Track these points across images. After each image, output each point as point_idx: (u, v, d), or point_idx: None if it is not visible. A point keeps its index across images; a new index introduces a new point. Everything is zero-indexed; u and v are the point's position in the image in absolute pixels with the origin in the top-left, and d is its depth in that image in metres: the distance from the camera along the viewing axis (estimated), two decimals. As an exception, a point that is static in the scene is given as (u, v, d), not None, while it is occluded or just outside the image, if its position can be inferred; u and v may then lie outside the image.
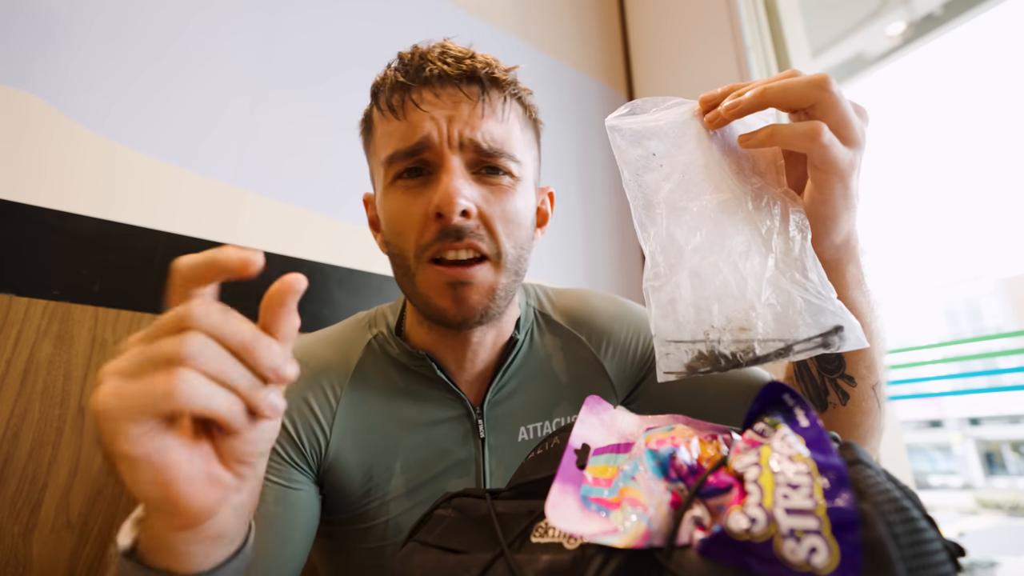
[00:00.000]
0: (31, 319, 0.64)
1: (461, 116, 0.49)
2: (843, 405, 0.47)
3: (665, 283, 0.33)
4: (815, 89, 0.36)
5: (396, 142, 0.50)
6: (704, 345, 0.32)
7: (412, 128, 0.49)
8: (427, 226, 0.48)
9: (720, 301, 0.33)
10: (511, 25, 1.32)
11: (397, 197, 0.50)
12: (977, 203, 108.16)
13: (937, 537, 0.22)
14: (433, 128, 0.48)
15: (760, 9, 1.33)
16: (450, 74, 0.49)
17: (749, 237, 0.35)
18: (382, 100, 0.51)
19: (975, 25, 1.86)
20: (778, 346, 0.32)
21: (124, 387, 0.24)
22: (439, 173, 0.48)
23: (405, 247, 0.50)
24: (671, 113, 0.40)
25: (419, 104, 0.49)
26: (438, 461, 0.53)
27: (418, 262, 0.49)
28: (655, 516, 0.25)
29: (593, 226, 1.35)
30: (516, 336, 0.58)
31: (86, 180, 0.71)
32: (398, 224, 0.50)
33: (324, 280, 0.87)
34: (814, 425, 0.26)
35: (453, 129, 0.48)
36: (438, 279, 0.48)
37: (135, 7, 0.79)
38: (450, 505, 0.37)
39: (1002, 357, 1.20)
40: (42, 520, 0.61)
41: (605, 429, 0.34)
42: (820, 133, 0.36)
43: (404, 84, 0.50)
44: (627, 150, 0.38)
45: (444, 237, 0.47)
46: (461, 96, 0.49)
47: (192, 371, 0.25)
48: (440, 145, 0.48)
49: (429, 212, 0.48)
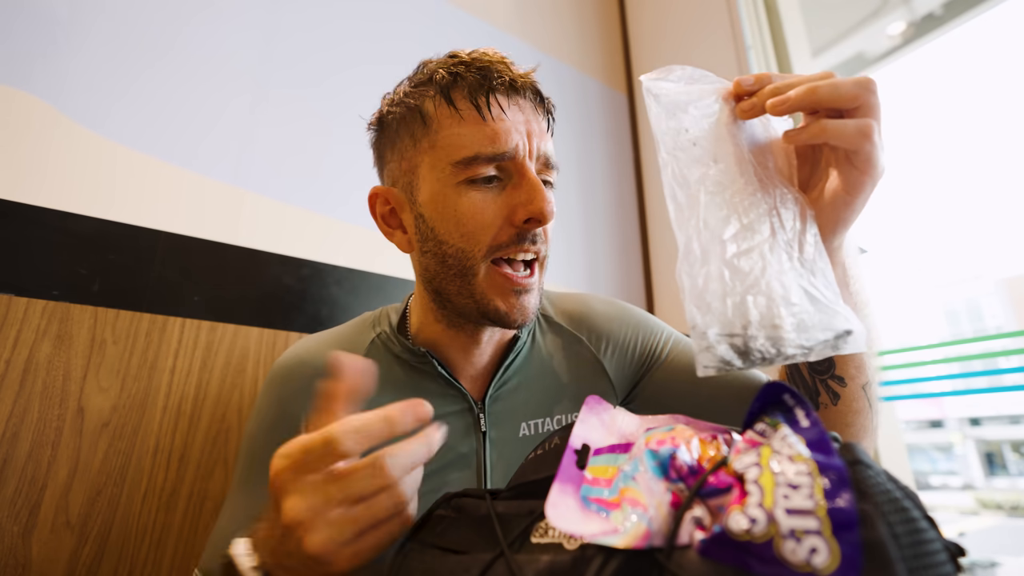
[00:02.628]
0: (30, 319, 0.64)
1: (536, 130, 0.53)
2: (834, 405, 0.48)
3: (699, 270, 0.33)
4: (863, 90, 0.36)
5: (479, 145, 0.50)
6: (740, 340, 0.32)
7: (499, 134, 0.50)
8: (503, 228, 0.51)
9: (754, 296, 0.33)
10: (511, 25, 1.32)
11: (471, 198, 0.51)
12: (977, 203, 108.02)
13: (937, 537, 0.22)
14: (520, 139, 0.51)
15: (760, 9, 1.33)
16: (524, 85, 0.52)
17: (775, 234, 0.36)
18: (457, 96, 0.51)
19: (975, 25, 1.86)
20: (803, 346, 0.32)
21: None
22: (518, 179, 0.51)
23: (472, 247, 0.51)
24: (702, 90, 0.39)
25: (504, 110, 0.51)
26: (440, 455, 0.54)
27: (484, 261, 0.51)
28: (655, 516, 0.25)
29: (593, 226, 1.35)
30: (519, 334, 0.60)
31: (86, 180, 0.71)
32: (471, 223, 0.51)
33: (324, 280, 0.87)
34: (815, 425, 0.26)
35: (533, 142, 0.52)
36: (505, 284, 0.51)
37: (135, 7, 0.79)
38: (450, 505, 0.37)
39: (1002, 357, 1.20)
40: (41, 520, 0.61)
41: (605, 429, 0.34)
42: (873, 131, 0.36)
43: (483, 84, 0.51)
44: (663, 120, 0.37)
45: (521, 240, 0.51)
46: (532, 109, 0.53)
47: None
48: (523, 152, 0.51)
49: (516, 216, 0.50)
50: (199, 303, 0.75)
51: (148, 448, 0.68)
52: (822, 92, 0.36)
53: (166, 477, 0.68)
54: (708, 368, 0.31)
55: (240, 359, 0.77)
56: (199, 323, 0.74)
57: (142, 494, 0.67)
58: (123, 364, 0.68)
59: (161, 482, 0.68)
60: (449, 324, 0.56)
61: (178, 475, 0.69)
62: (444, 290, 0.54)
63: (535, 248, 0.52)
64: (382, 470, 0.32)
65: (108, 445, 0.66)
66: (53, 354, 0.64)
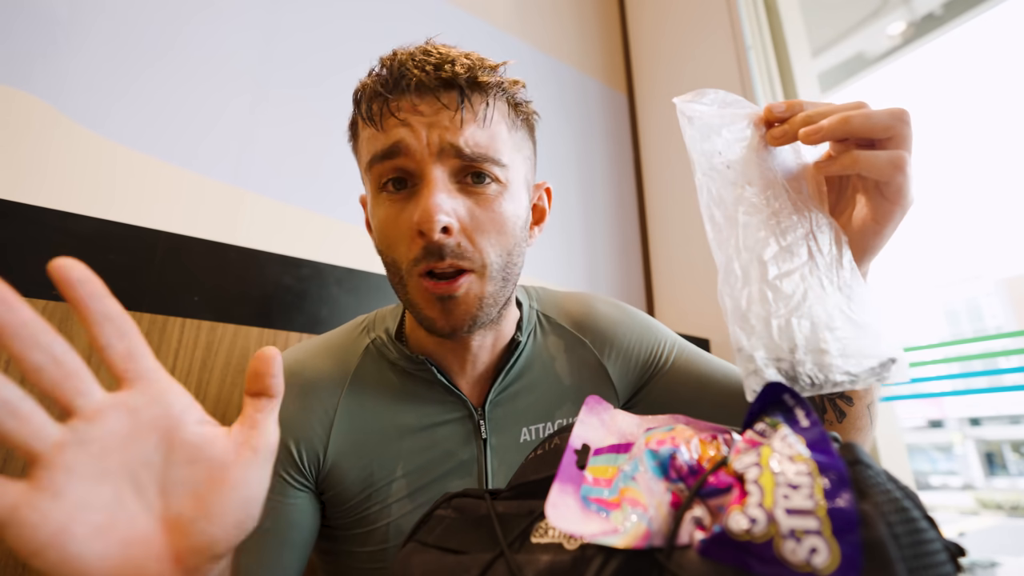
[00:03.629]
0: (31, 319, 0.64)
1: (440, 123, 0.48)
2: (839, 423, 0.48)
3: (741, 291, 0.33)
4: (897, 121, 0.36)
5: (373, 147, 0.50)
6: (788, 364, 0.31)
7: (386, 134, 0.49)
8: (413, 240, 0.48)
9: (799, 319, 0.32)
10: (511, 25, 1.32)
11: (384, 209, 0.50)
12: (977, 203, 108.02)
13: (937, 537, 0.22)
14: (409, 136, 0.47)
15: (760, 9, 1.33)
16: (427, 83, 0.48)
17: (813, 257, 0.35)
18: (363, 108, 0.51)
19: (975, 25, 1.87)
20: (850, 373, 0.32)
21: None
22: (421, 185, 0.48)
23: (397, 258, 0.50)
24: (734, 114, 0.39)
25: (396, 114, 0.48)
26: (440, 463, 0.53)
27: (409, 275, 0.49)
28: (655, 516, 0.25)
29: (593, 226, 1.35)
30: (518, 338, 0.58)
31: (86, 180, 0.71)
32: (387, 237, 0.50)
33: (323, 280, 0.87)
34: (815, 425, 0.26)
35: (433, 136, 0.47)
36: (425, 292, 0.48)
37: (135, 7, 0.79)
38: (450, 505, 0.37)
39: (1002, 357, 1.20)
40: (42, 520, 0.60)
41: (605, 429, 0.34)
42: (906, 164, 0.36)
43: (382, 94, 0.49)
44: (697, 142, 0.37)
45: (428, 255, 0.47)
46: (439, 105, 0.48)
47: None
48: (420, 155, 0.47)
49: (413, 227, 0.47)
50: (199, 303, 0.75)
51: (148, 448, 0.68)
52: (855, 122, 0.36)
53: (166, 477, 0.68)
54: (755, 393, 0.30)
55: (240, 359, 0.77)
56: (199, 323, 0.74)
57: (142, 494, 0.67)
58: (123, 364, 0.68)
59: (161, 482, 0.68)
60: (428, 332, 0.54)
61: (178, 475, 0.69)
62: (398, 297, 0.53)
63: (449, 263, 0.47)
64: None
65: (108, 445, 0.66)
66: (53, 354, 0.64)
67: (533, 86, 0.56)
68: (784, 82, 1.28)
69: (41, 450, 0.25)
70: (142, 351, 0.29)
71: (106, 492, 0.27)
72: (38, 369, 0.26)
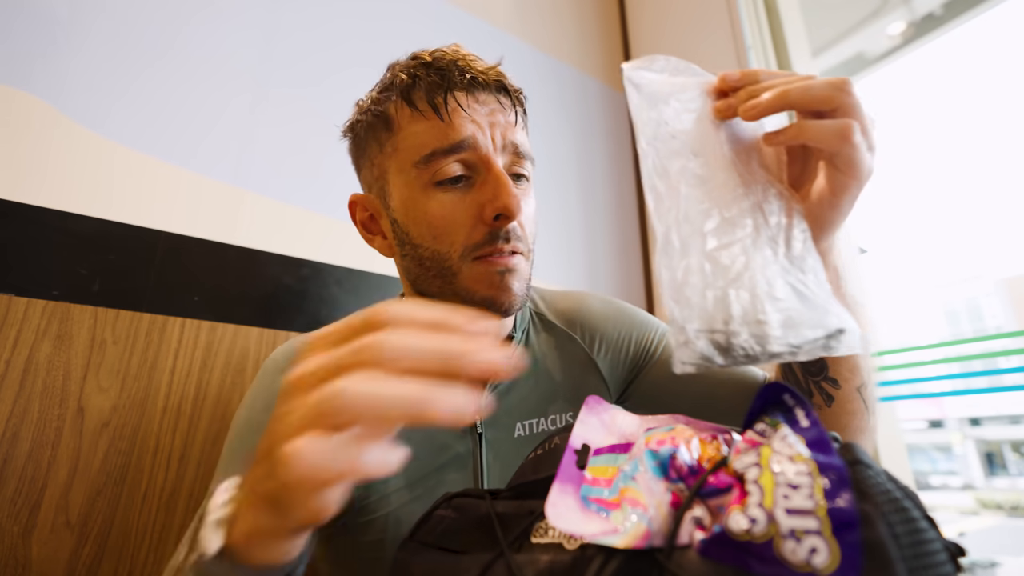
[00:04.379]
0: (30, 319, 0.64)
1: (501, 122, 0.51)
2: (828, 407, 0.48)
3: (679, 263, 0.32)
4: (837, 91, 0.36)
5: (436, 140, 0.50)
6: (722, 336, 0.30)
7: (455, 129, 0.50)
8: (475, 227, 0.50)
9: (737, 290, 0.32)
10: (511, 25, 1.32)
11: (440, 199, 0.50)
12: (977, 203, 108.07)
13: (937, 537, 0.22)
14: (477, 131, 0.50)
15: (760, 9, 1.33)
16: (485, 82, 0.51)
17: (759, 229, 0.35)
18: (416, 99, 0.51)
19: (975, 25, 1.87)
20: (791, 344, 0.31)
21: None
22: (486, 176, 0.50)
23: (448, 248, 0.50)
24: (685, 82, 0.38)
25: (464, 107, 0.50)
26: (437, 455, 0.54)
27: (463, 262, 0.50)
28: (655, 516, 0.25)
29: (593, 226, 1.35)
30: (513, 334, 0.60)
31: (86, 180, 0.71)
32: (442, 226, 0.50)
33: (324, 280, 0.87)
34: (815, 425, 0.26)
35: (495, 133, 0.51)
36: (488, 270, 0.50)
37: (135, 7, 0.79)
38: (450, 505, 0.37)
39: (1002, 357, 1.20)
40: (41, 520, 0.61)
41: (605, 429, 0.34)
42: (852, 132, 0.35)
43: (442, 85, 0.50)
44: (643, 110, 0.36)
45: (494, 239, 0.50)
46: (497, 104, 0.52)
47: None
48: (487, 148, 0.50)
49: (485, 214, 0.49)
50: (199, 303, 0.75)
51: (148, 448, 0.68)
52: (793, 95, 0.36)
53: (166, 477, 0.68)
54: (687, 365, 0.30)
55: (240, 359, 0.77)
56: (199, 323, 0.74)
57: (142, 494, 0.67)
58: (123, 364, 0.68)
59: (161, 482, 0.68)
60: None
61: (178, 475, 0.69)
62: (427, 291, 0.54)
63: (510, 247, 0.51)
64: (374, 346, 0.24)
65: (108, 445, 0.66)
66: (53, 354, 0.64)
67: (533, 86, 0.57)
68: (784, 82, 1.28)
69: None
70: None
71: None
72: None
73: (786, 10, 1.33)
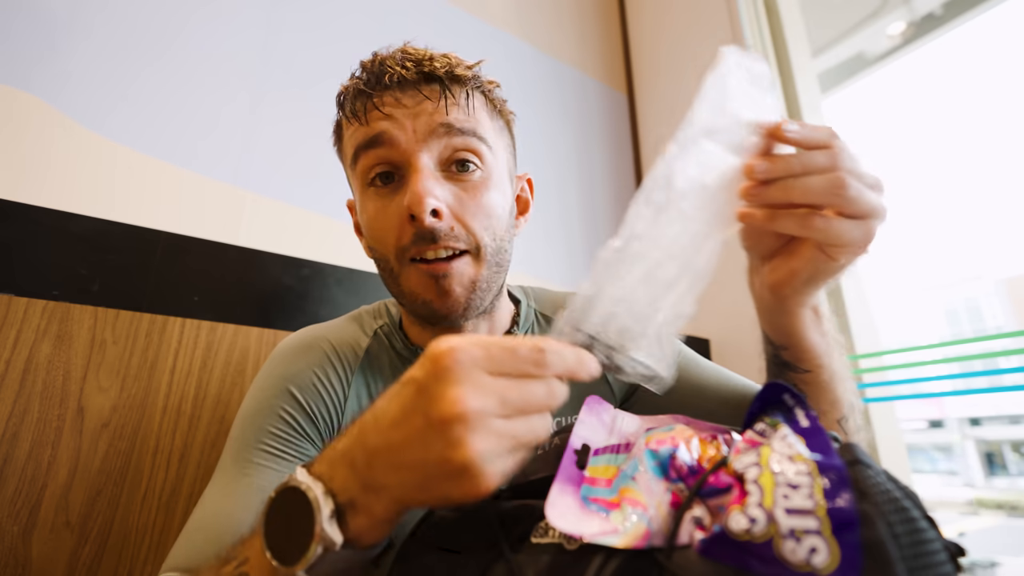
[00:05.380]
0: (30, 319, 0.64)
1: (425, 111, 0.49)
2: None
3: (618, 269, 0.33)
4: (864, 227, 0.36)
5: (356, 139, 0.51)
6: (584, 338, 0.33)
7: (371, 127, 0.50)
8: (403, 229, 0.48)
9: (623, 319, 0.33)
10: (511, 25, 1.32)
11: (372, 202, 0.51)
12: (977, 203, 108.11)
13: (937, 537, 0.22)
14: (393, 127, 0.49)
15: (760, 9, 1.33)
16: (409, 78, 0.50)
17: (678, 281, 0.35)
18: (347, 108, 0.52)
19: (975, 25, 1.86)
20: (636, 368, 0.33)
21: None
22: (408, 174, 0.49)
23: (386, 251, 0.51)
24: (741, 125, 0.37)
25: (380, 108, 0.50)
26: None
27: (400, 264, 0.50)
28: (655, 516, 0.25)
29: (593, 226, 1.35)
30: (515, 333, 0.59)
31: (86, 180, 0.71)
32: (376, 229, 0.51)
33: (324, 280, 0.87)
34: (814, 425, 0.26)
35: (419, 124, 0.49)
36: (420, 275, 0.49)
37: (135, 7, 0.79)
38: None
39: (1003, 357, 1.20)
40: (41, 520, 0.61)
41: (605, 429, 0.34)
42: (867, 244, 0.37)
43: (365, 91, 0.50)
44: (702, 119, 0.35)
45: (420, 240, 0.48)
46: (422, 96, 0.50)
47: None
48: (406, 144, 0.49)
49: (403, 215, 0.48)
50: (199, 303, 0.75)
51: (148, 448, 0.68)
52: (817, 229, 0.35)
53: (166, 477, 0.68)
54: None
55: (240, 359, 0.77)
56: (199, 323, 0.74)
57: (142, 494, 0.67)
58: (123, 364, 0.68)
59: (161, 482, 0.68)
60: (423, 325, 0.56)
61: (178, 475, 0.69)
62: (391, 293, 0.54)
63: (443, 245, 0.48)
64: (543, 366, 0.28)
65: (108, 445, 0.66)
66: (53, 354, 0.64)
67: (533, 86, 0.57)
68: (784, 82, 1.28)
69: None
70: None
71: None
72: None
73: (786, 10, 1.32)
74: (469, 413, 0.26)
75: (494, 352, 0.28)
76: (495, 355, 0.28)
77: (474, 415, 0.26)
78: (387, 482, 0.28)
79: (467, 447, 0.25)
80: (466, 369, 0.27)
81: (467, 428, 0.25)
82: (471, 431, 0.25)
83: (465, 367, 0.27)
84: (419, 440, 0.26)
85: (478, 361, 0.27)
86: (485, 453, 0.26)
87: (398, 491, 0.28)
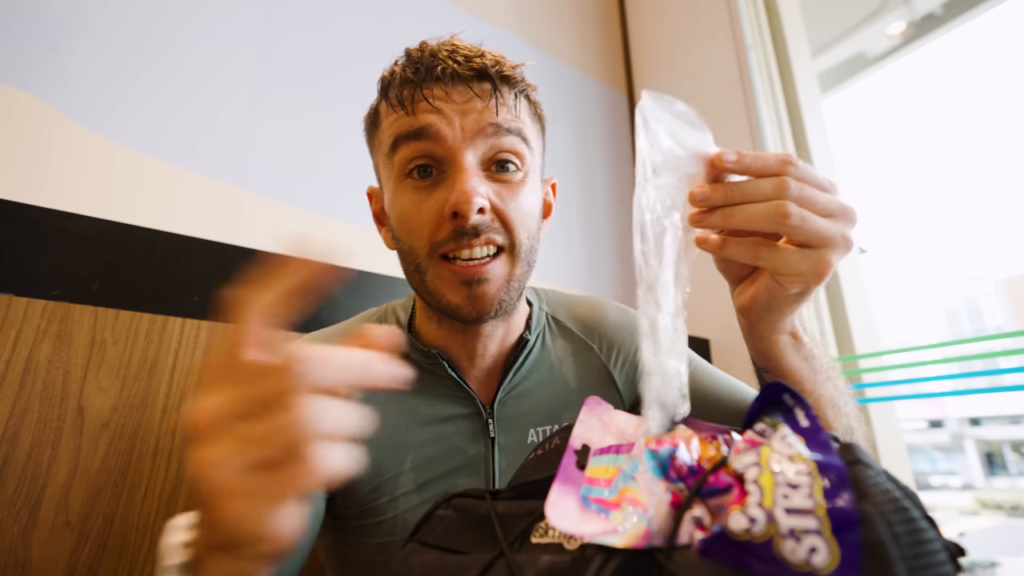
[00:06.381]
0: (30, 319, 0.64)
1: (474, 109, 0.49)
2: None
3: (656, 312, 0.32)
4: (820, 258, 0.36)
5: (400, 128, 0.50)
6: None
7: (417, 118, 0.49)
8: (440, 225, 0.48)
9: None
10: (511, 25, 1.32)
11: (407, 195, 0.50)
12: (977, 203, 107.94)
13: (937, 537, 0.22)
14: (441, 121, 0.48)
15: (760, 9, 1.33)
16: (461, 73, 0.49)
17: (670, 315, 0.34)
18: (392, 95, 0.51)
19: (975, 25, 1.87)
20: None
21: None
22: (452, 171, 0.48)
23: (416, 244, 0.50)
24: (681, 157, 0.36)
25: (430, 100, 0.49)
26: (448, 458, 0.54)
27: (430, 259, 0.49)
28: (655, 516, 0.25)
29: (593, 226, 1.35)
30: (527, 336, 0.58)
31: (86, 180, 0.71)
32: (409, 222, 0.50)
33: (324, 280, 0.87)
34: (814, 425, 0.26)
35: (467, 121, 0.48)
36: (451, 276, 0.49)
37: (135, 7, 0.79)
38: (450, 505, 0.37)
39: (1003, 357, 1.20)
40: (41, 520, 0.61)
41: (605, 429, 0.34)
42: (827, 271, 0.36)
43: (414, 80, 0.49)
44: (646, 156, 0.35)
45: (459, 236, 0.47)
46: (472, 94, 0.49)
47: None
48: (452, 141, 0.48)
49: (444, 212, 0.47)
50: (199, 303, 0.75)
51: (148, 448, 0.68)
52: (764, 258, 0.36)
53: (166, 477, 0.68)
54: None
55: (240, 359, 0.77)
56: (199, 323, 0.74)
57: (142, 494, 0.67)
58: (123, 364, 0.68)
59: (161, 482, 0.68)
60: (440, 322, 0.55)
61: (178, 475, 0.69)
62: (412, 287, 0.54)
63: (485, 240, 0.48)
64: (286, 370, 0.24)
65: (108, 445, 0.66)
66: (53, 354, 0.64)
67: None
68: (784, 82, 1.28)
69: None
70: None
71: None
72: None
73: (786, 10, 1.33)
74: (203, 419, 0.24)
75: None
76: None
77: (206, 420, 0.24)
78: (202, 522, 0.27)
79: (197, 459, 0.23)
80: (213, 378, 0.26)
81: (201, 436, 0.24)
82: (204, 440, 0.23)
83: (213, 377, 0.26)
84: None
85: (230, 372, 0.26)
86: (216, 463, 0.23)
87: (213, 532, 0.25)
